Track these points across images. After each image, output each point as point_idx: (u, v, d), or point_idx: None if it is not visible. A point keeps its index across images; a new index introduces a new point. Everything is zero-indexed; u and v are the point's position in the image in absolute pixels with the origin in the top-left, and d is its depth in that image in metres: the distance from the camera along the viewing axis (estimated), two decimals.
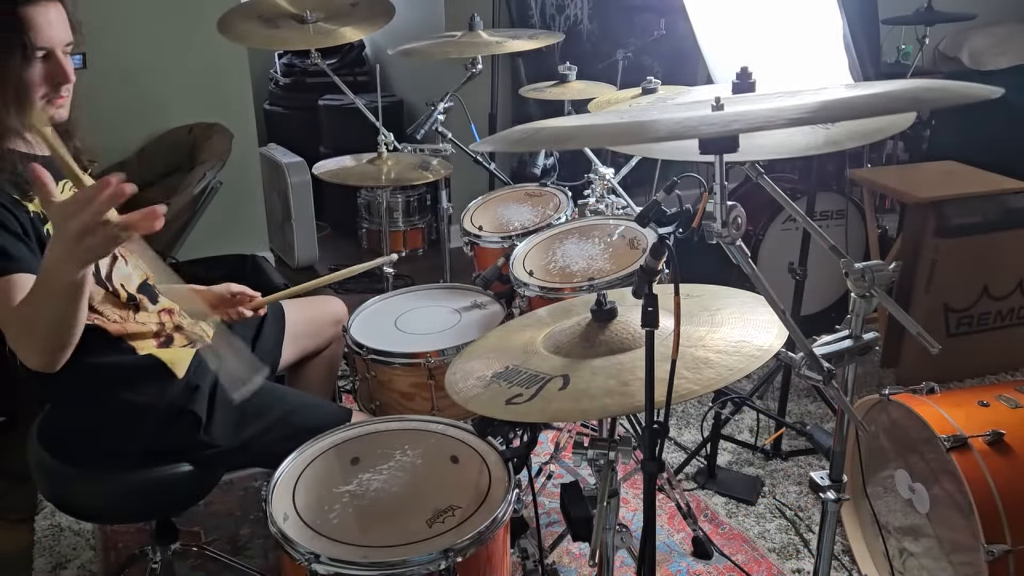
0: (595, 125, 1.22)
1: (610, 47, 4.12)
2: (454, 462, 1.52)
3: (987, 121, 4.34)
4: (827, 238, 1.32)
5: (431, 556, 1.28)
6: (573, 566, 2.20)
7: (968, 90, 0.99)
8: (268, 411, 1.73)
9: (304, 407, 1.80)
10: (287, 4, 2.56)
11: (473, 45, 2.64)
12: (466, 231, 2.52)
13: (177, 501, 1.75)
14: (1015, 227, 2.92)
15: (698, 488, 2.51)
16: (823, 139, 1.34)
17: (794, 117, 0.99)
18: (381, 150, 2.55)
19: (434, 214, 4.38)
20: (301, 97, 4.88)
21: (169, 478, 1.65)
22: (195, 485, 1.71)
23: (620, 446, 1.30)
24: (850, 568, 2.16)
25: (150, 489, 1.66)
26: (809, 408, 2.93)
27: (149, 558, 1.90)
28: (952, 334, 3.00)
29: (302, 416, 1.75)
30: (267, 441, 1.70)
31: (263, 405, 1.72)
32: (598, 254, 2.13)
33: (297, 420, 1.73)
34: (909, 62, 4.26)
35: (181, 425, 1.65)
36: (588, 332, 1.37)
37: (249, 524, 2.37)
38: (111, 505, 1.70)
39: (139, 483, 1.64)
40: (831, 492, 1.35)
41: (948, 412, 1.82)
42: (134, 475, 1.64)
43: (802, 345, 1.16)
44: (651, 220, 1.17)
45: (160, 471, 1.65)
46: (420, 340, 2.03)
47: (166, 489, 1.67)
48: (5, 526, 2.39)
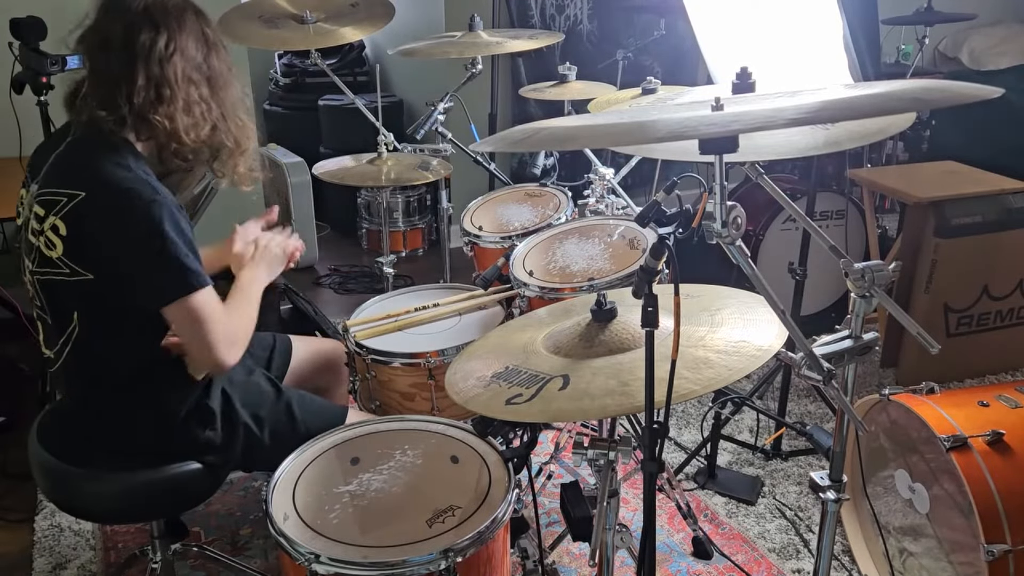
0: (595, 125, 1.22)
1: (610, 47, 4.13)
2: (454, 462, 1.52)
3: (987, 121, 4.34)
4: (827, 238, 1.32)
5: (431, 556, 1.28)
6: (573, 566, 2.20)
7: (968, 90, 0.99)
8: (272, 407, 1.74)
9: (304, 402, 1.81)
10: (287, 4, 2.56)
11: (473, 45, 2.65)
12: (466, 231, 2.52)
13: (185, 500, 1.73)
14: (1015, 227, 2.92)
15: (698, 488, 2.51)
16: (823, 139, 1.34)
17: (794, 117, 0.99)
18: (381, 150, 2.56)
19: (434, 214, 4.38)
20: (301, 97, 4.87)
21: (179, 477, 1.64)
22: (204, 484, 1.70)
23: (620, 446, 1.30)
24: (850, 568, 2.16)
25: (161, 488, 1.64)
26: (809, 408, 2.93)
27: (149, 558, 1.90)
28: (952, 334, 3.00)
29: (302, 412, 1.76)
30: (269, 436, 1.71)
31: (266, 401, 1.74)
32: (598, 254, 2.13)
33: (297, 415, 1.75)
34: (909, 62, 4.26)
35: (196, 421, 1.64)
36: (588, 332, 1.37)
37: (249, 524, 2.37)
38: (122, 506, 1.68)
39: (146, 482, 1.63)
40: (831, 492, 1.35)
41: (948, 412, 1.82)
42: (143, 474, 1.63)
43: (802, 345, 1.16)
44: (651, 220, 1.17)
45: (168, 470, 1.63)
46: (420, 340, 2.03)
47: (174, 488, 1.66)
48: (5, 526, 2.39)
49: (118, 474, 1.62)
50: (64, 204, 1.44)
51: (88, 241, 1.44)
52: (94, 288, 1.46)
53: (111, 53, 1.45)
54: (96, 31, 1.48)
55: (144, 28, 1.44)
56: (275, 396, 1.76)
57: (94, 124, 1.46)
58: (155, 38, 1.45)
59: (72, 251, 1.44)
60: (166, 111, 1.47)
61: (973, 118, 4.26)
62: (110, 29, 1.45)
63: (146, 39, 1.44)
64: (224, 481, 1.76)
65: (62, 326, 1.52)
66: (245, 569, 2.14)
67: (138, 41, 1.44)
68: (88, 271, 1.44)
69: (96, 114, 1.45)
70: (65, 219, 1.43)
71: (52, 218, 1.44)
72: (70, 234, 1.43)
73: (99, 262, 1.44)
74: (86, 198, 1.42)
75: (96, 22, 1.48)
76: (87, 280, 1.45)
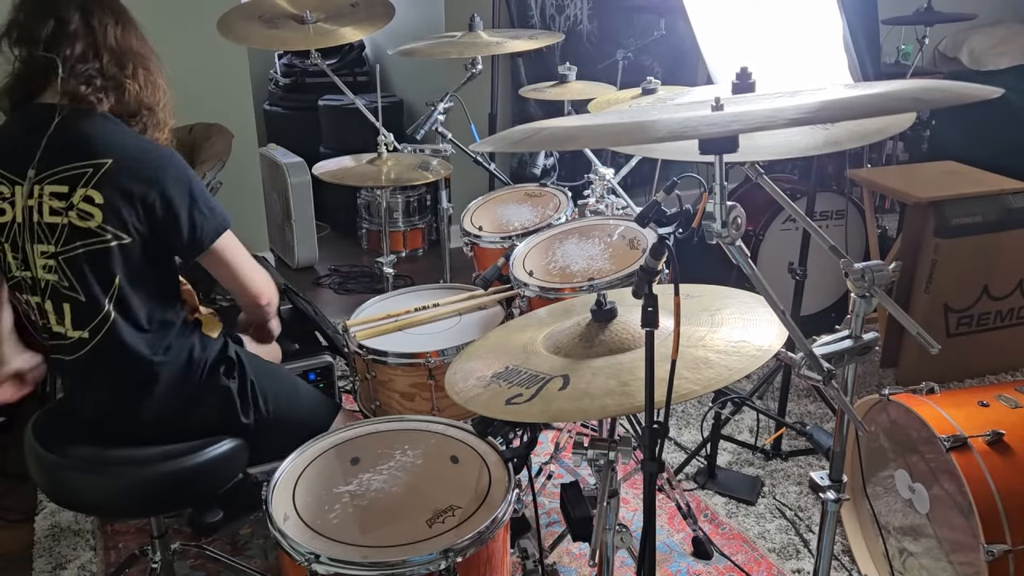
0: (595, 125, 1.22)
1: (610, 47, 4.13)
2: (454, 462, 1.52)
3: (987, 121, 4.34)
4: (827, 238, 1.32)
5: (431, 556, 1.28)
6: (573, 566, 2.20)
7: (968, 90, 0.99)
8: (275, 378, 1.83)
9: (298, 392, 1.89)
10: (287, 4, 2.56)
11: (473, 45, 2.65)
12: (466, 231, 2.52)
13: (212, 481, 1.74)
14: (1015, 227, 2.92)
15: (698, 488, 2.51)
16: (823, 139, 1.34)
17: (794, 117, 0.99)
18: (381, 150, 2.55)
19: (434, 214, 4.38)
20: (301, 97, 4.88)
21: (204, 464, 1.67)
22: (234, 463, 1.73)
23: (620, 446, 1.30)
24: (850, 568, 2.16)
25: (188, 474, 1.66)
26: (809, 408, 2.93)
27: (149, 558, 1.90)
28: (952, 334, 3.00)
29: (299, 399, 1.86)
30: (272, 403, 1.77)
31: (268, 368, 1.83)
32: (598, 254, 2.13)
33: (295, 402, 1.84)
34: (909, 62, 4.26)
35: (220, 364, 1.72)
36: (588, 332, 1.37)
37: (249, 524, 2.37)
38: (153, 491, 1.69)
39: (174, 469, 1.65)
40: (831, 492, 1.35)
41: (948, 412, 1.82)
42: (164, 459, 1.65)
43: (802, 345, 1.16)
44: (651, 220, 1.17)
45: (189, 459, 1.65)
46: (420, 340, 2.03)
47: (201, 472, 1.68)
48: (5, 526, 2.39)
49: (130, 466, 1.64)
50: (92, 174, 1.52)
51: (126, 203, 1.53)
52: (134, 251, 1.56)
53: (76, 38, 1.57)
54: (40, 23, 1.59)
55: (95, 10, 1.60)
56: (276, 368, 1.87)
57: (78, 100, 1.56)
58: (104, 18, 1.61)
59: (111, 216, 1.53)
60: (132, 76, 1.63)
61: (973, 118, 4.26)
62: (66, 17, 1.58)
63: (100, 19, 1.60)
64: (242, 468, 1.77)
65: (99, 299, 1.57)
66: (245, 569, 2.14)
67: (95, 23, 1.60)
68: (128, 234, 1.55)
69: (78, 91, 1.56)
70: (97, 187, 1.52)
71: (81, 190, 1.52)
72: (107, 200, 1.52)
73: (139, 221, 1.55)
74: (114, 163, 1.53)
75: (40, 16, 1.59)
76: (126, 243, 1.55)
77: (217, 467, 1.69)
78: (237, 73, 3.83)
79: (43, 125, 1.56)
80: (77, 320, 1.59)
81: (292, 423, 1.77)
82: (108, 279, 1.56)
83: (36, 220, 1.55)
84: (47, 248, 1.55)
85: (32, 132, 1.57)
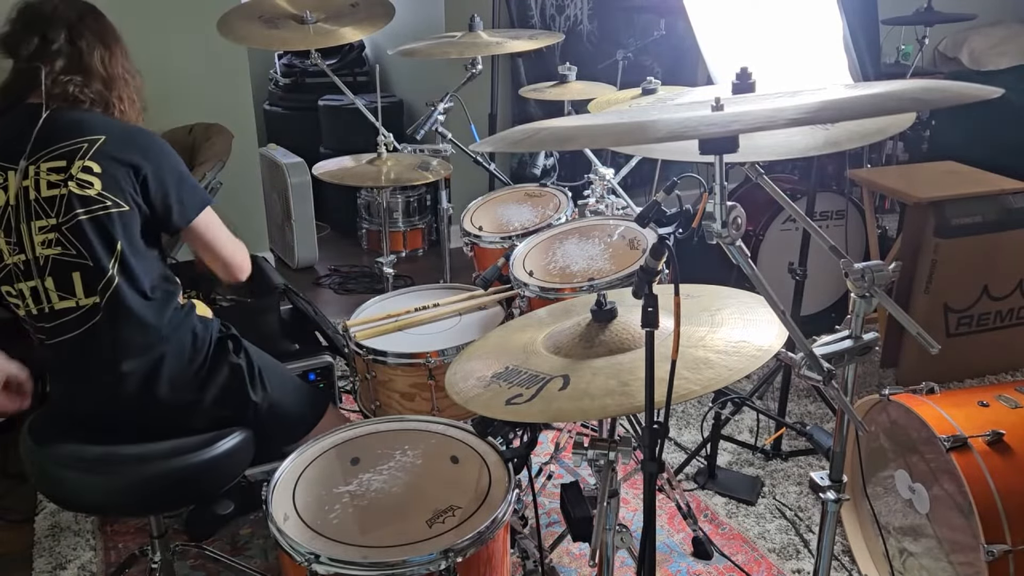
0: (595, 126, 1.22)
1: (610, 47, 4.13)
2: (454, 462, 1.52)
3: (987, 121, 4.34)
4: (827, 238, 1.32)
5: (431, 556, 1.28)
6: (573, 566, 2.20)
7: (968, 90, 0.99)
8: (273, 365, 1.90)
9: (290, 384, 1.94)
10: (287, 4, 2.56)
11: (473, 45, 2.64)
12: (466, 231, 2.52)
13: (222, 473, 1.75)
14: (1015, 227, 2.92)
15: (698, 488, 2.51)
16: (823, 139, 1.34)
17: (794, 117, 0.99)
18: (381, 150, 2.55)
19: (434, 214, 4.38)
20: (301, 97, 4.88)
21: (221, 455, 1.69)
22: (240, 458, 1.74)
23: (620, 446, 1.30)
24: (850, 568, 2.16)
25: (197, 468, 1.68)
26: (809, 408, 2.93)
27: (149, 558, 1.90)
28: (952, 334, 3.00)
29: (289, 381, 1.94)
30: (271, 382, 1.83)
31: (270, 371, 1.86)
32: (598, 254, 2.13)
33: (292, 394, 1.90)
34: (909, 62, 4.26)
35: (227, 341, 1.80)
36: (588, 332, 1.37)
37: (249, 524, 2.37)
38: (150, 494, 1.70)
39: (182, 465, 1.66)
40: (831, 492, 1.35)
41: (948, 412, 1.82)
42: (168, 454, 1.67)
43: (802, 345, 1.16)
44: (651, 220, 1.17)
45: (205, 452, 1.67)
46: (420, 340, 2.03)
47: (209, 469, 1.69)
48: (5, 526, 2.39)
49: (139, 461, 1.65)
50: (88, 148, 1.61)
51: (123, 173, 1.62)
52: (133, 220, 1.64)
53: (59, 56, 1.67)
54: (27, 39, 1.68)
55: (85, 33, 1.71)
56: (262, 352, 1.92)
57: (65, 97, 1.65)
58: (92, 42, 1.72)
59: (110, 184, 1.61)
60: (119, 99, 1.74)
61: (973, 118, 4.26)
62: (52, 37, 1.68)
63: (88, 42, 1.71)
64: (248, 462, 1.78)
65: (104, 263, 1.62)
66: (245, 569, 2.14)
67: (83, 45, 1.70)
68: (127, 203, 1.63)
69: (66, 90, 1.65)
70: (95, 158, 1.61)
71: (79, 162, 1.60)
72: (104, 169, 1.61)
73: (135, 192, 1.64)
74: (108, 139, 1.63)
75: (28, 31, 1.68)
76: (124, 211, 1.63)
77: (223, 463, 1.70)
78: (237, 73, 3.83)
79: (34, 118, 1.63)
80: (88, 286, 1.63)
81: (287, 406, 1.84)
82: (111, 244, 1.62)
83: (33, 198, 1.60)
84: (46, 222, 1.60)
85: (23, 124, 1.63)
